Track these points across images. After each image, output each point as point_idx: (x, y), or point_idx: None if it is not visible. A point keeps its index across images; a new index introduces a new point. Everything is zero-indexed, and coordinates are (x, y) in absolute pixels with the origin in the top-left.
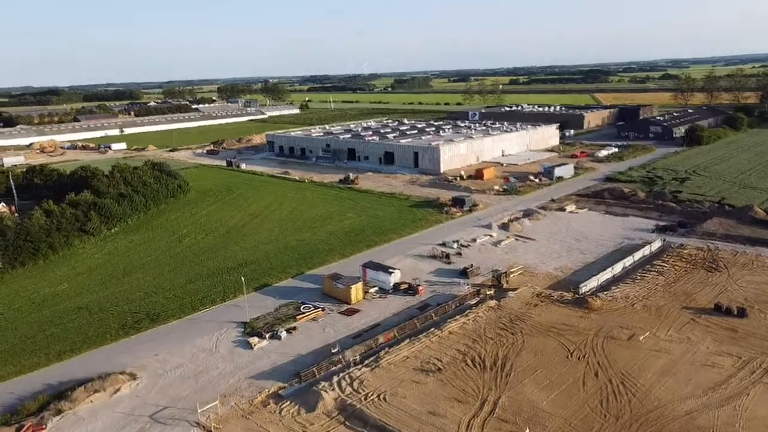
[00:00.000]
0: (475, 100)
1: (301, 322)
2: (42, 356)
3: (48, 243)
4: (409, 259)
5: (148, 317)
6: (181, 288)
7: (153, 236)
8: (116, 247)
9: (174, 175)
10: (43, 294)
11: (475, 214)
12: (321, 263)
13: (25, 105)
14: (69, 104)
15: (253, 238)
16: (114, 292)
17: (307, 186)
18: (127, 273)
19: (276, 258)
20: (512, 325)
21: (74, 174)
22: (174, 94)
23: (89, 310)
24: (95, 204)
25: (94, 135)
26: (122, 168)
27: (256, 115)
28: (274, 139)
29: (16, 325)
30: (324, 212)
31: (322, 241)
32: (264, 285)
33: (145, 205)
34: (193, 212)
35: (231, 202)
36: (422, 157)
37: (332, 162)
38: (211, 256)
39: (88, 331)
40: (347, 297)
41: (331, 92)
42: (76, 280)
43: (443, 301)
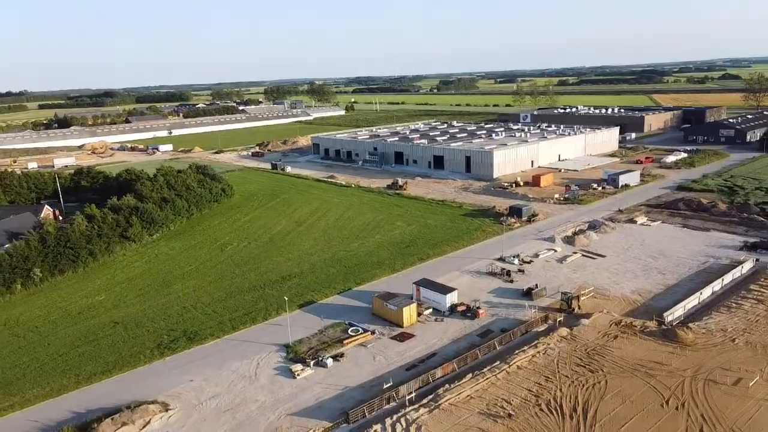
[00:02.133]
0: (526, 102)
1: (348, 347)
2: (72, 377)
3: (88, 250)
4: (466, 276)
5: (185, 336)
6: (220, 303)
7: (194, 243)
8: (157, 254)
9: (218, 178)
10: (79, 306)
11: (535, 225)
12: (369, 278)
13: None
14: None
15: (298, 247)
16: (152, 306)
17: (354, 191)
18: (167, 284)
19: (321, 271)
20: (590, 360)
21: (119, 177)
22: (222, 95)
23: (125, 326)
24: (137, 209)
25: (143, 136)
26: (166, 171)
27: (302, 116)
28: (319, 141)
29: (49, 340)
30: (372, 220)
31: (371, 252)
32: (308, 302)
33: (188, 210)
34: (237, 218)
35: (275, 208)
36: (474, 161)
37: (379, 166)
38: (253, 267)
39: (122, 349)
40: (399, 319)
41: (376, 94)
42: (114, 290)
43: (507, 327)
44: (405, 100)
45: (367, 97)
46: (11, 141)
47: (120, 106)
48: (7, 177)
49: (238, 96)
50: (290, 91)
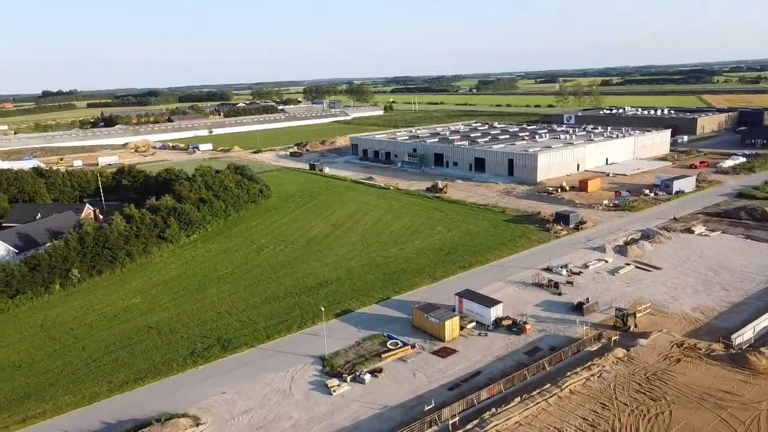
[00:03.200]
0: (570, 102)
1: (387, 361)
2: (104, 385)
3: (126, 251)
4: (511, 286)
5: (218, 343)
6: (255, 309)
7: (231, 245)
8: (193, 256)
9: (255, 179)
10: (115, 308)
11: (583, 233)
12: (409, 287)
13: (127, 105)
14: (165, 105)
15: (335, 252)
16: (186, 310)
17: (393, 194)
18: (202, 288)
19: (359, 277)
20: (651, 387)
21: (159, 176)
22: (262, 95)
23: (159, 331)
24: (175, 209)
25: (184, 135)
26: (204, 171)
27: (340, 116)
28: (358, 142)
29: (84, 343)
30: (411, 224)
31: (410, 259)
32: (345, 311)
33: (225, 211)
34: (273, 219)
35: (312, 210)
36: (517, 164)
37: (418, 168)
38: (289, 271)
39: (155, 356)
40: (441, 333)
41: (415, 93)
42: (149, 293)
43: (557, 345)
44: (444, 100)
45: (405, 97)
46: (59, 139)
47: (163, 105)
48: (52, 175)
49: (278, 95)
50: (329, 90)
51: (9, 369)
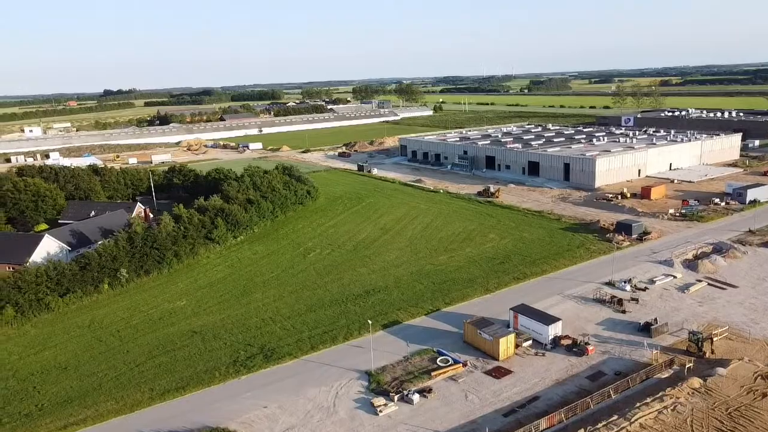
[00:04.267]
0: (627, 104)
1: (436, 380)
2: (146, 392)
3: (174, 251)
4: (569, 302)
5: (262, 353)
6: (300, 317)
7: (277, 248)
8: (239, 258)
9: (303, 180)
10: (161, 310)
11: (648, 245)
12: (460, 298)
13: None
14: (218, 104)
15: (383, 258)
16: (231, 315)
17: (442, 197)
18: (247, 292)
19: (407, 287)
20: (735, 425)
21: (208, 176)
22: (312, 94)
23: (203, 336)
24: (222, 210)
25: (235, 134)
26: (252, 172)
27: (389, 116)
28: (407, 143)
29: (128, 347)
30: (462, 230)
31: (461, 267)
32: (393, 322)
33: (272, 212)
34: (320, 222)
35: (360, 213)
36: (574, 168)
37: (469, 170)
38: (335, 277)
39: (198, 364)
40: (494, 351)
41: (465, 94)
42: (195, 295)
43: (623, 370)
44: (494, 100)
45: (455, 97)
46: (116, 137)
47: (216, 104)
48: (107, 173)
49: (327, 95)
50: (378, 90)
51: (55, 371)
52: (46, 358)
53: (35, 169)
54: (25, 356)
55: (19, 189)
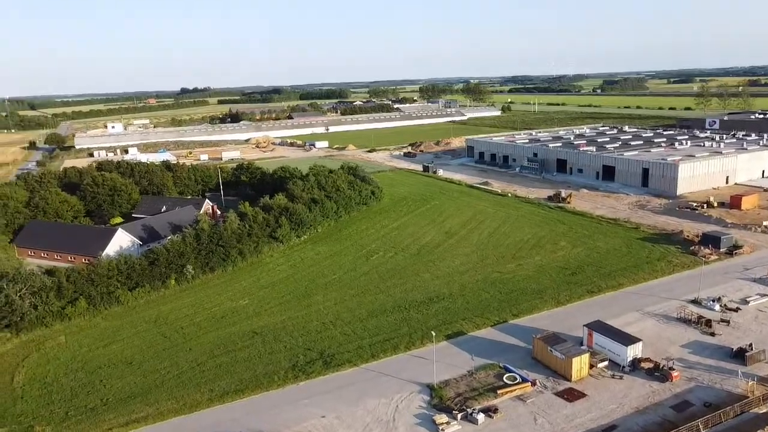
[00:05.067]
0: (712, 105)
1: (503, 398)
2: (205, 393)
3: (238, 249)
4: (649, 320)
5: (321, 358)
6: (361, 323)
7: (340, 249)
8: (302, 258)
9: (368, 180)
10: (224, 309)
11: (739, 260)
12: (528, 310)
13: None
14: (287, 102)
15: (448, 263)
16: (291, 317)
17: (510, 201)
18: (309, 294)
19: (473, 295)
20: None
21: (274, 174)
22: (378, 93)
23: (263, 338)
24: (287, 209)
25: (302, 132)
26: (318, 171)
27: (456, 116)
28: (474, 144)
29: (191, 344)
30: (531, 237)
31: (530, 277)
32: (457, 333)
33: (336, 213)
34: (384, 224)
35: (425, 215)
36: (653, 174)
37: (539, 173)
38: (398, 281)
39: (257, 366)
40: (567, 371)
41: (534, 94)
42: (257, 295)
43: (713, 402)
44: (565, 101)
45: (523, 97)
46: (190, 133)
47: (285, 103)
48: (179, 169)
49: (394, 94)
50: (445, 90)
51: (121, 365)
52: (114, 352)
53: (113, 164)
54: (95, 349)
55: (98, 183)
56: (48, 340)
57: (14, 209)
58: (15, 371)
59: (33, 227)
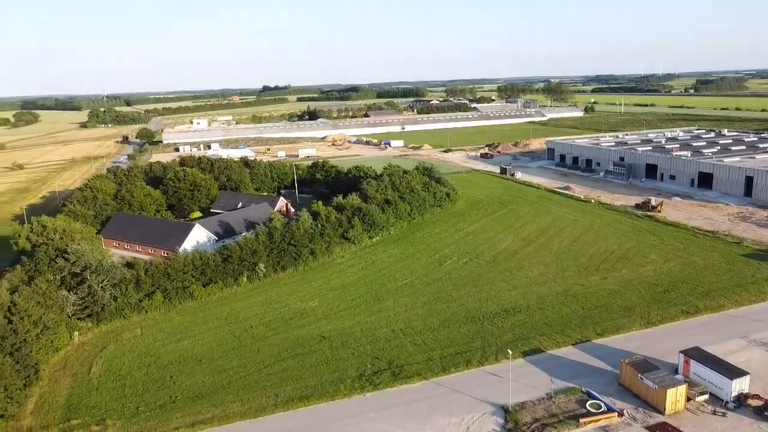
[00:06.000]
0: None
1: (586, 428)
2: (271, 397)
3: (310, 249)
4: (757, 349)
5: (389, 368)
6: (432, 333)
7: (412, 252)
8: (374, 260)
9: (443, 182)
10: (293, 310)
11: None
12: (614, 329)
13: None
14: (363, 100)
15: (525, 273)
16: (360, 322)
17: (594, 208)
18: (379, 298)
19: (552, 308)
20: None
21: (349, 173)
22: (455, 92)
23: (331, 342)
24: (360, 210)
25: (378, 131)
26: (392, 171)
27: (536, 116)
28: (555, 146)
29: (259, 345)
30: (617, 248)
31: (616, 292)
32: (535, 350)
33: (410, 214)
34: (458, 227)
35: (501, 219)
36: (759, 183)
37: (626, 179)
38: (472, 290)
39: (324, 372)
40: (659, 403)
41: (619, 94)
42: (327, 297)
43: None
44: (654, 101)
45: (608, 98)
46: (269, 130)
47: (362, 101)
48: (256, 166)
49: (471, 93)
50: (524, 89)
51: (191, 362)
52: (185, 348)
53: (194, 160)
54: (167, 343)
55: (179, 178)
56: (125, 331)
57: (103, 201)
58: (93, 361)
59: (118, 219)
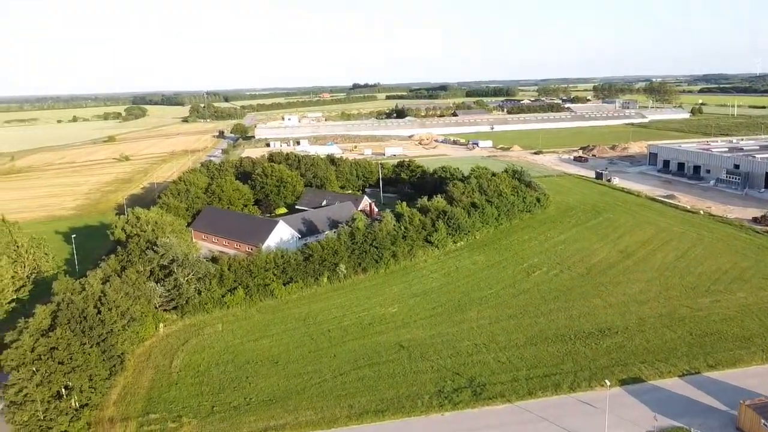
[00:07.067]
0: None
1: None
2: (345, 408)
3: (392, 251)
4: None
5: (470, 386)
6: (517, 350)
7: (499, 260)
8: (457, 267)
9: (534, 186)
10: (372, 315)
11: None
12: (729, 361)
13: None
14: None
15: (623, 289)
16: (441, 333)
17: (703, 220)
18: (462, 308)
19: (654, 332)
20: None
21: (434, 173)
22: (548, 92)
23: (409, 353)
24: (445, 212)
25: (466, 130)
26: (480, 174)
27: (635, 118)
28: (658, 150)
29: (336, 351)
30: (731, 267)
31: (731, 318)
32: (634, 379)
33: (497, 219)
34: (549, 235)
35: (596, 229)
36: None
37: (740, 189)
38: (562, 305)
39: (401, 385)
40: None
41: (731, 94)
42: (407, 303)
43: None
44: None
45: (718, 98)
46: (357, 128)
47: (450, 100)
48: (341, 163)
49: (565, 93)
50: (623, 89)
51: (267, 363)
52: (262, 348)
53: (282, 156)
54: (246, 342)
55: (267, 174)
56: (207, 326)
57: (194, 195)
58: (174, 355)
59: (208, 213)
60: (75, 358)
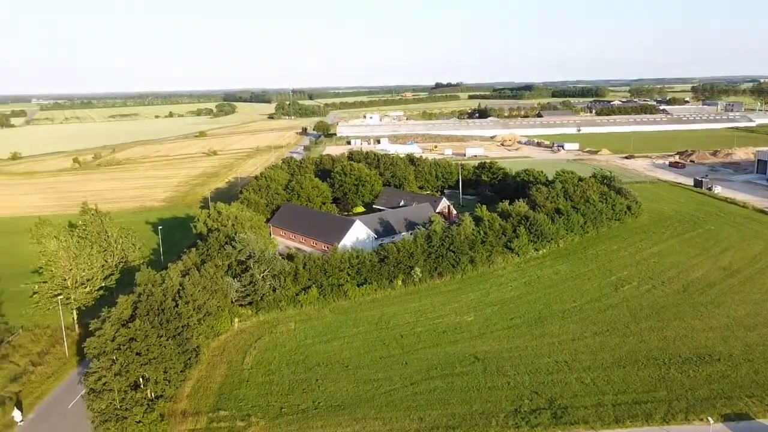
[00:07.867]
0: None
1: None
2: (414, 421)
3: (470, 257)
4: None
5: (550, 408)
6: (603, 371)
7: (584, 271)
8: (539, 276)
9: (624, 193)
10: (446, 322)
11: None
12: None
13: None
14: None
15: (726, 311)
16: (519, 346)
17: None
18: (542, 321)
19: (764, 362)
20: None
21: (516, 176)
22: (641, 92)
23: (485, 366)
24: (527, 218)
25: (551, 132)
26: (565, 178)
27: (741, 121)
28: (766, 157)
29: (408, 358)
30: None
31: None
32: (740, 415)
33: (583, 227)
34: (640, 246)
35: (694, 242)
36: None
37: None
38: (655, 324)
39: (475, 400)
40: None
41: None
42: (484, 312)
43: None
44: None
45: None
46: (438, 127)
47: (535, 100)
48: (421, 163)
49: (660, 94)
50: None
51: (338, 366)
52: (333, 350)
53: (362, 155)
54: (317, 342)
55: (346, 172)
56: (280, 324)
57: (275, 191)
58: (247, 351)
59: (286, 209)
60: (152, 350)
